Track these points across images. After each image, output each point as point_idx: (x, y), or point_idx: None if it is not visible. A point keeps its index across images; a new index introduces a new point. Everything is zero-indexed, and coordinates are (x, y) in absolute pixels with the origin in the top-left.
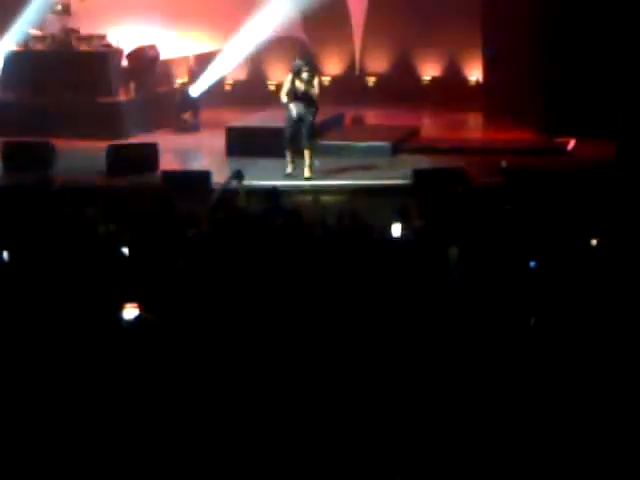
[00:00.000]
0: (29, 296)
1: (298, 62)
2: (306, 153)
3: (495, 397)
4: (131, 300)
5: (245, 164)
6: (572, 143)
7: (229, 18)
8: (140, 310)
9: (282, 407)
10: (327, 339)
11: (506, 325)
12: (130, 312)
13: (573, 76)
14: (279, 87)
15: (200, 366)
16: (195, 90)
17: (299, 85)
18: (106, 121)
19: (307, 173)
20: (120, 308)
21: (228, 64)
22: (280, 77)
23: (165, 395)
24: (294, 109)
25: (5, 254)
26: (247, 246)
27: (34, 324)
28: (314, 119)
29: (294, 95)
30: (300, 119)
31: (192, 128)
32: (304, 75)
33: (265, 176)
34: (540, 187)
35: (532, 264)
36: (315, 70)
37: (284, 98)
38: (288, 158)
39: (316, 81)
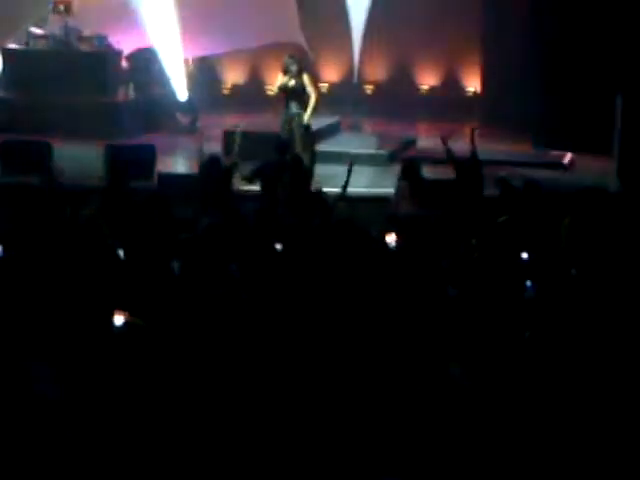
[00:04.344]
0: (22, 295)
1: (286, 59)
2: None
3: (489, 402)
4: (124, 305)
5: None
6: (569, 157)
7: (230, 22)
8: (126, 316)
9: (277, 410)
10: (323, 343)
11: (500, 337)
12: (118, 319)
13: (571, 90)
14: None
15: (193, 370)
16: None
17: (288, 80)
18: (104, 122)
19: None
20: (112, 313)
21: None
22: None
23: (158, 399)
24: (286, 111)
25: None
26: (244, 246)
27: (25, 324)
28: (307, 123)
29: (285, 91)
30: (291, 122)
31: (189, 131)
32: (292, 68)
33: None
34: (536, 199)
35: (528, 284)
36: (302, 67)
37: (275, 89)
38: None
39: (306, 78)
